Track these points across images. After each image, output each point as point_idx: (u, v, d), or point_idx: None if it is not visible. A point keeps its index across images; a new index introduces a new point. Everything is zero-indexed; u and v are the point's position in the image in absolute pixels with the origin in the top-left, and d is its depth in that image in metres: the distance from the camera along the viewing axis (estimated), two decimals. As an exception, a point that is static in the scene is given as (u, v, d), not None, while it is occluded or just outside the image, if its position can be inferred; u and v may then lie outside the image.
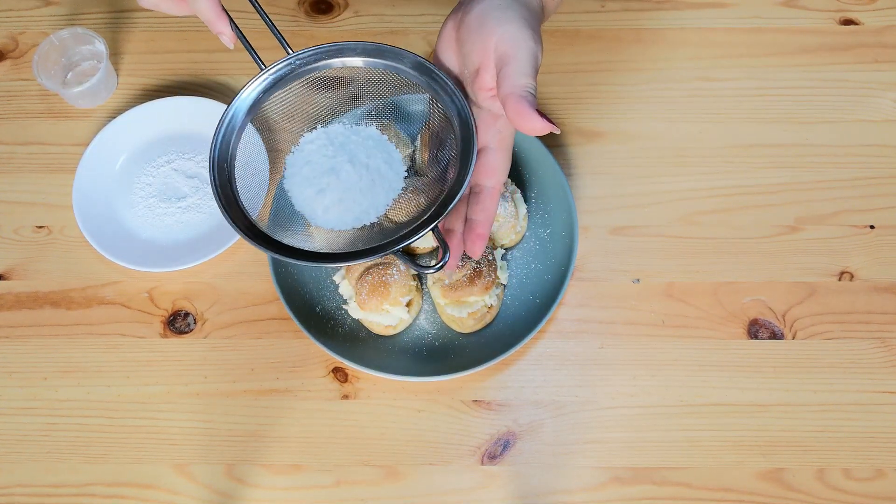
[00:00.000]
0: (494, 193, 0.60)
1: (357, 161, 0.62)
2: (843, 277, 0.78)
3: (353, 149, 0.63)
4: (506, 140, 0.60)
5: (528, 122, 0.53)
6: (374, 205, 0.62)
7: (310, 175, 0.62)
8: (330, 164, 0.62)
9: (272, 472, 0.73)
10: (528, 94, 0.54)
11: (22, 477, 0.73)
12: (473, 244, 0.60)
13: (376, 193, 0.62)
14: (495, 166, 0.60)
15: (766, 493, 0.71)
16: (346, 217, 0.61)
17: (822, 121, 0.85)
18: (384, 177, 0.63)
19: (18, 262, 0.81)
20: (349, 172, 0.62)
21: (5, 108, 0.89)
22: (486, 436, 0.73)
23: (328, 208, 0.61)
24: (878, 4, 0.90)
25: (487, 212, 0.60)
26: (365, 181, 0.62)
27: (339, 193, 0.61)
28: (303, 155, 0.64)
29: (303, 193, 0.62)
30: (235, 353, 0.77)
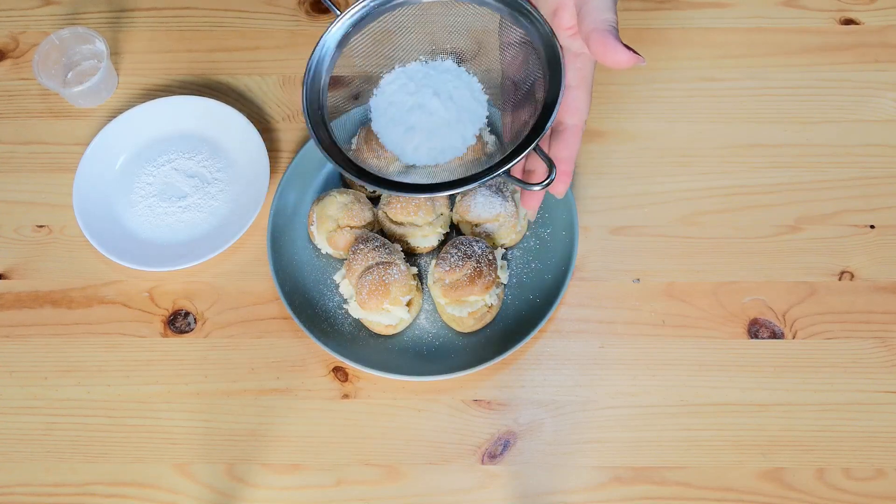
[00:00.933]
0: (577, 131, 0.60)
1: (442, 94, 0.63)
2: (843, 277, 0.78)
3: (435, 83, 0.63)
4: (586, 78, 0.60)
5: (614, 55, 0.54)
6: (462, 136, 0.62)
7: (396, 115, 0.63)
8: (414, 101, 0.63)
9: (272, 472, 0.73)
10: (611, 28, 0.55)
11: (22, 476, 0.73)
12: (559, 182, 0.60)
13: (463, 125, 0.62)
14: (577, 104, 0.60)
15: (766, 492, 0.71)
16: (434, 152, 0.62)
17: (822, 121, 0.85)
18: (468, 108, 0.63)
19: (19, 261, 0.81)
20: (436, 106, 0.62)
21: (6, 108, 0.89)
22: (486, 435, 0.73)
23: (418, 146, 0.62)
24: (879, 4, 0.90)
25: (571, 149, 0.60)
26: (452, 113, 0.62)
27: (428, 129, 0.62)
28: (385, 96, 0.64)
29: (391, 134, 0.63)
30: (236, 352, 0.77)
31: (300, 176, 0.82)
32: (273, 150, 0.85)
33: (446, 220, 0.80)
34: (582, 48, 0.58)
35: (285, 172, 0.81)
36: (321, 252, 0.80)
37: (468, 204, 0.77)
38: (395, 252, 0.75)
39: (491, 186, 0.76)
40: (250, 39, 0.92)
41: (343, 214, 0.77)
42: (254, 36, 0.92)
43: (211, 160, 0.85)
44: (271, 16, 0.93)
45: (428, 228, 0.78)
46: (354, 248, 0.74)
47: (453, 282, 0.73)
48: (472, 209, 0.77)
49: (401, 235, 0.78)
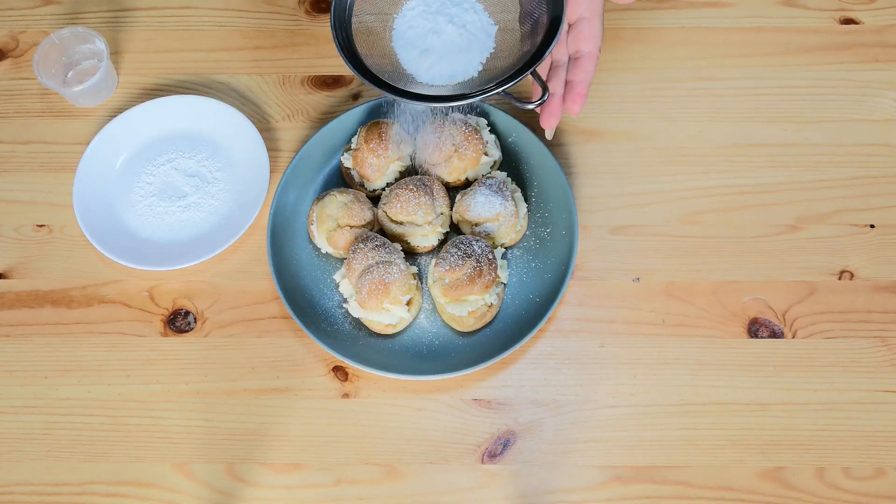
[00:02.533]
0: (592, 57, 0.67)
1: (456, 22, 0.69)
2: (843, 276, 0.78)
3: (451, 12, 0.70)
4: (597, 9, 0.67)
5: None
6: (470, 62, 0.69)
7: (413, 38, 0.70)
8: (431, 26, 0.69)
9: (272, 471, 0.73)
10: None
11: (22, 475, 0.73)
12: (574, 102, 0.67)
13: (472, 52, 0.69)
14: (592, 33, 0.67)
15: (766, 492, 0.71)
16: (444, 73, 0.68)
17: (821, 120, 0.85)
18: (477, 38, 0.69)
19: (19, 260, 0.81)
20: (450, 33, 0.69)
21: (6, 108, 0.89)
22: (486, 435, 0.73)
23: (431, 66, 0.68)
24: (878, 4, 0.90)
25: (587, 73, 0.67)
26: (464, 40, 0.69)
27: (441, 52, 0.68)
28: (406, 20, 0.70)
29: (408, 55, 0.70)
30: (236, 351, 0.77)
31: (300, 176, 0.82)
32: (273, 149, 0.85)
33: (446, 219, 0.80)
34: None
35: (285, 172, 0.81)
36: (321, 252, 0.80)
37: (468, 203, 0.77)
38: (394, 251, 0.75)
39: (491, 186, 0.77)
40: (250, 39, 0.92)
41: (343, 214, 0.77)
42: (254, 36, 0.92)
43: (211, 160, 0.85)
44: (271, 15, 0.93)
45: (428, 228, 0.78)
46: (354, 247, 0.74)
47: (453, 281, 0.73)
48: (471, 208, 0.77)
49: (401, 235, 0.78)
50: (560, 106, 0.68)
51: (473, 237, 0.75)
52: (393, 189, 0.78)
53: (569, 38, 0.69)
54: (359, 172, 0.81)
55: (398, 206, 0.77)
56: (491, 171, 0.81)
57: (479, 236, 0.76)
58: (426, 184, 0.78)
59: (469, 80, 0.69)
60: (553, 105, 0.68)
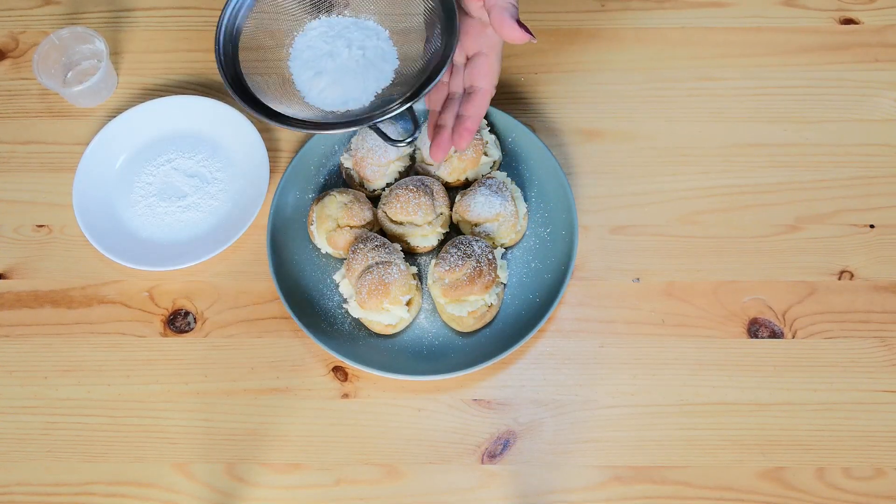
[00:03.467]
0: (486, 94, 0.66)
1: (353, 47, 0.68)
2: (842, 276, 0.78)
3: (351, 36, 0.69)
4: (495, 46, 0.66)
5: (509, 32, 0.61)
6: (364, 90, 0.67)
7: (310, 58, 0.68)
8: (328, 49, 0.68)
9: (272, 471, 0.73)
10: (509, 6, 0.61)
11: (22, 476, 0.73)
12: (461, 137, 0.66)
13: (368, 80, 0.67)
14: (488, 69, 0.66)
15: (765, 492, 0.71)
16: (337, 98, 0.67)
17: (821, 120, 0.85)
18: (376, 66, 0.68)
19: (19, 261, 0.81)
20: (346, 57, 0.68)
21: (5, 108, 0.89)
22: (486, 435, 0.73)
23: (323, 89, 0.67)
24: (878, 4, 0.90)
25: (478, 109, 0.66)
26: (360, 66, 0.67)
27: (334, 76, 0.67)
28: (305, 40, 0.70)
29: (302, 75, 0.68)
30: (235, 351, 0.77)
31: (300, 176, 0.82)
32: (273, 150, 0.85)
33: (446, 219, 0.80)
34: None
35: (285, 172, 0.81)
36: (321, 252, 0.80)
37: (468, 203, 0.77)
38: (394, 252, 0.75)
39: (491, 186, 0.77)
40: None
41: (343, 214, 0.77)
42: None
43: (211, 160, 0.85)
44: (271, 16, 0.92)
45: (428, 228, 0.78)
46: (354, 247, 0.74)
47: (453, 281, 0.73)
48: (471, 209, 0.77)
49: (400, 235, 0.78)
50: (450, 140, 0.67)
51: (473, 237, 0.75)
52: (393, 189, 0.78)
53: (465, 72, 0.68)
54: (358, 173, 0.81)
55: (398, 207, 0.77)
56: (491, 171, 0.81)
57: (479, 236, 0.76)
58: (426, 184, 0.78)
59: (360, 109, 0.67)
60: (443, 138, 0.67)
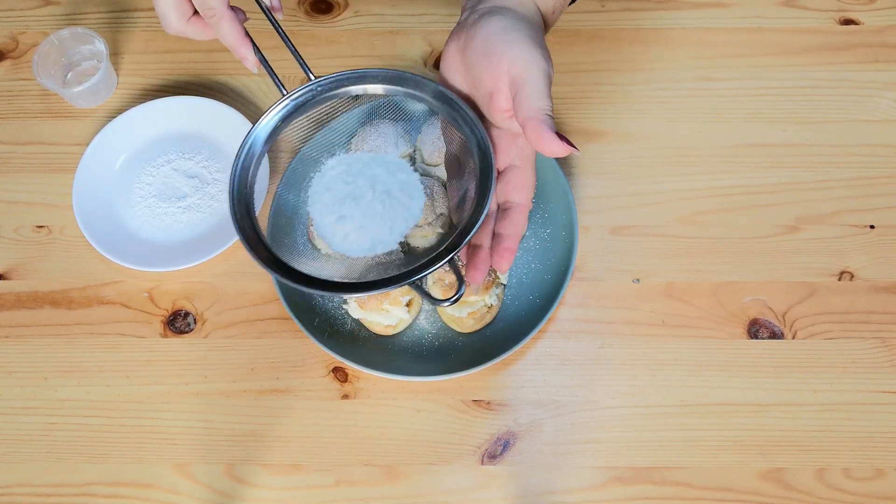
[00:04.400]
0: (523, 209, 0.60)
1: (377, 188, 0.63)
2: (843, 277, 0.78)
3: (374, 175, 0.64)
4: (529, 157, 0.60)
5: (549, 146, 0.54)
6: (392, 232, 0.62)
7: (330, 202, 0.64)
8: (349, 191, 0.63)
9: (272, 472, 0.73)
10: (546, 118, 0.54)
11: (22, 476, 0.73)
12: (501, 258, 0.60)
13: (395, 221, 0.63)
14: (523, 182, 0.60)
15: (766, 492, 0.71)
16: (364, 244, 0.62)
17: (821, 121, 0.85)
18: (403, 204, 0.63)
19: (18, 261, 0.81)
20: (370, 199, 0.63)
21: (5, 108, 0.89)
22: (486, 436, 0.73)
23: (347, 234, 0.62)
24: (878, 4, 0.90)
25: (517, 227, 0.60)
26: (386, 208, 0.62)
27: (359, 220, 0.62)
28: (324, 181, 0.65)
29: (324, 220, 0.63)
30: (235, 352, 0.77)
31: (300, 176, 0.82)
32: (273, 150, 0.85)
33: (446, 220, 0.80)
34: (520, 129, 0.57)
35: (285, 172, 0.81)
36: (321, 252, 0.80)
37: (468, 204, 0.77)
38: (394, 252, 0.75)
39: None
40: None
41: (343, 215, 0.77)
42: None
43: (211, 160, 0.85)
44: (271, 16, 0.92)
45: (427, 228, 0.78)
46: (354, 248, 0.74)
47: (453, 282, 0.73)
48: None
49: (400, 235, 0.78)
50: (487, 260, 0.61)
51: None
52: (393, 190, 0.78)
53: (498, 186, 0.61)
54: (358, 173, 0.81)
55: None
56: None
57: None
58: (425, 185, 0.78)
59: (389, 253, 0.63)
60: (479, 259, 0.60)
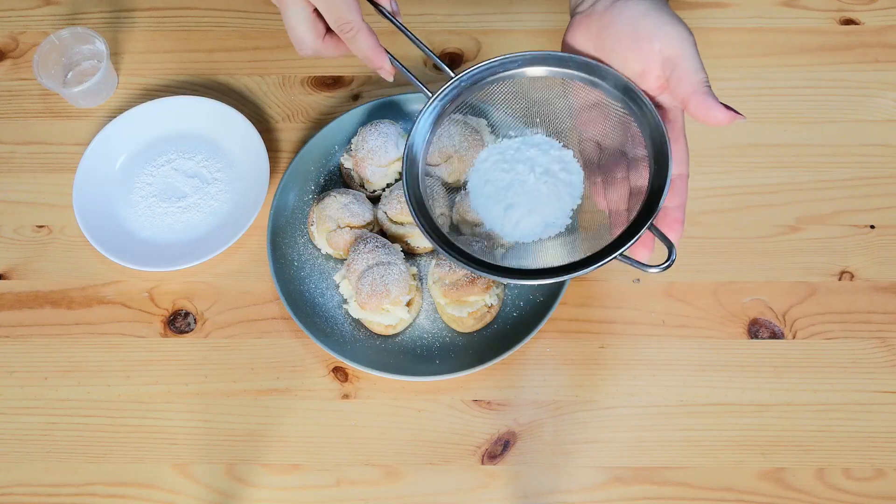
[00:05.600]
0: (684, 179, 0.62)
1: (537, 169, 0.64)
2: (843, 277, 0.78)
3: (528, 157, 0.64)
4: (681, 129, 0.62)
5: (715, 115, 0.57)
6: (562, 210, 0.63)
7: (492, 193, 0.64)
8: (510, 178, 0.64)
9: (272, 472, 0.73)
10: (707, 89, 0.58)
11: (22, 476, 0.73)
12: (672, 229, 0.60)
13: (561, 198, 0.63)
14: (680, 155, 0.62)
15: (766, 492, 0.71)
16: (536, 228, 0.62)
17: (821, 121, 0.85)
18: (564, 181, 0.64)
19: (19, 261, 0.81)
20: (532, 183, 0.63)
21: (5, 108, 0.89)
22: (486, 435, 0.73)
23: (518, 222, 0.63)
24: (879, 4, 0.90)
25: (682, 197, 0.61)
26: (550, 188, 0.63)
27: (528, 205, 0.62)
28: (480, 174, 0.65)
29: (491, 212, 0.64)
30: (235, 352, 0.77)
31: (300, 176, 0.82)
32: (273, 150, 0.85)
33: (446, 220, 0.80)
34: (671, 102, 0.60)
35: (285, 172, 0.81)
36: (321, 252, 0.80)
37: (468, 204, 0.77)
38: (394, 252, 0.75)
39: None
40: (250, 39, 0.92)
41: (343, 214, 0.77)
42: (254, 36, 0.92)
43: (211, 160, 0.85)
44: (271, 16, 0.93)
45: (428, 228, 0.78)
46: (354, 248, 0.74)
47: (453, 282, 0.73)
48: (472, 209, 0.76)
49: (401, 235, 0.78)
50: (653, 237, 0.60)
51: (473, 238, 0.75)
52: (393, 190, 0.78)
53: None
54: (358, 173, 0.81)
55: (398, 207, 0.77)
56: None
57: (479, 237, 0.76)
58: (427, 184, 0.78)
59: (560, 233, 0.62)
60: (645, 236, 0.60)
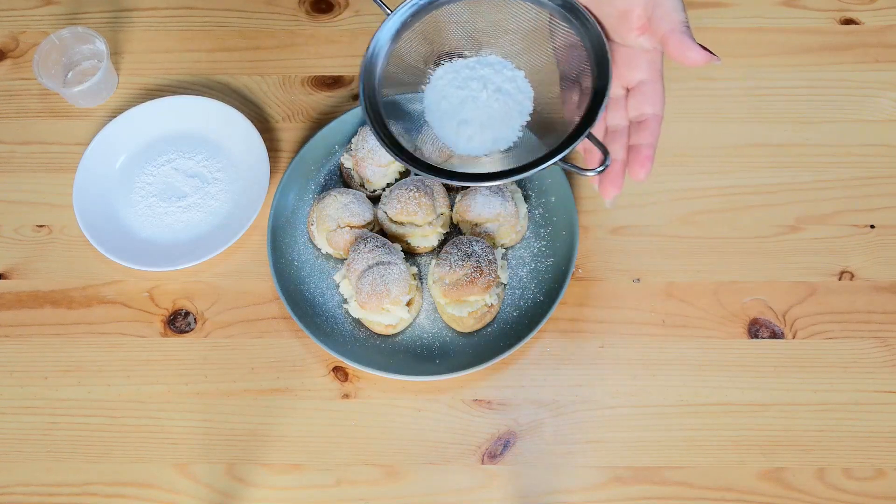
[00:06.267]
0: (658, 119, 0.63)
1: (490, 86, 0.66)
2: (843, 277, 0.78)
3: (482, 76, 0.66)
4: (658, 70, 0.63)
5: (691, 55, 0.58)
6: (511, 127, 0.65)
7: (447, 109, 0.66)
8: (464, 95, 0.66)
9: (272, 472, 0.73)
10: (686, 29, 0.59)
11: (22, 476, 0.73)
12: (641, 166, 0.61)
13: (511, 115, 0.65)
14: (656, 94, 0.63)
15: (766, 492, 0.71)
16: (486, 143, 0.65)
17: (822, 121, 0.85)
18: (515, 99, 0.66)
19: (19, 261, 0.81)
20: (485, 100, 0.65)
21: (6, 108, 0.89)
22: (486, 435, 0.73)
23: (471, 137, 0.65)
24: (879, 4, 0.90)
25: (653, 135, 0.62)
26: (501, 104, 0.65)
27: (480, 121, 0.65)
28: (436, 91, 0.67)
29: (445, 128, 0.66)
30: (236, 352, 0.77)
31: (300, 176, 0.82)
32: (273, 150, 0.85)
33: (446, 219, 0.80)
34: (651, 45, 0.61)
35: (285, 172, 0.81)
36: (321, 252, 0.80)
37: (468, 203, 0.77)
38: (395, 252, 0.75)
39: (491, 186, 0.76)
40: (250, 39, 0.92)
41: (343, 214, 0.77)
42: (254, 36, 0.92)
43: (211, 160, 0.85)
44: (271, 16, 0.93)
45: (428, 228, 0.78)
46: (354, 247, 0.74)
47: (453, 281, 0.73)
48: (472, 209, 0.77)
49: (401, 235, 0.78)
50: (622, 172, 0.62)
51: (473, 237, 0.75)
52: (393, 189, 0.78)
53: (630, 101, 0.64)
54: (359, 173, 0.81)
55: (398, 207, 0.77)
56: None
57: (479, 236, 0.76)
58: (426, 184, 0.78)
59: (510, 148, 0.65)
60: (615, 171, 0.61)
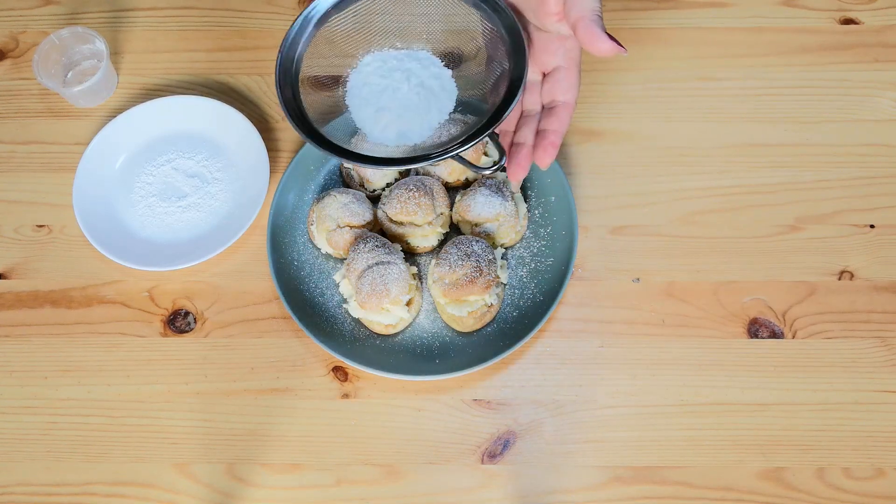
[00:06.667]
0: (568, 107, 0.63)
1: (412, 80, 0.66)
2: (843, 277, 0.78)
3: (408, 68, 0.67)
4: (575, 59, 0.63)
5: (598, 44, 0.58)
6: (428, 122, 0.66)
7: (368, 95, 0.67)
8: (387, 84, 0.67)
9: (272, 472, 0.73)
10: (596, 17, 0.58)
11: (22, 476, 0.73)
12: (545, 152, 0.61)
13: (430, 111, 0.66)
14: (569, 82, 0.63)
15: (766, 492, 0.71)
16: (401, 133, 0.65)
17: (822, 121, 0.85)
18: (437, 96, 0.66)
19: (19, 261, 0.81)
20: (406, 92, 0.66)
21: (5, 108, 0.89)
22: (486, 435, 0.73)
23: (386, 126, 0.65)
24: (878, 4, 0.90)
25: (562, 123, 0.62)
26: (421, 99, 0.66)
27: (396, 111, 0.65)
28: (361, 76, 0.68)
29: (362, 112, 0.67)
30: (236, 352, 0.77)
31: (300, 176, 0.82)
32: (273, 150, 0.85)
33: (446, 219, 0.80)
34: (568, 31, 0.61)
35: (285, 172, 0.81)
36: (321, 252, 0.80)
37: (468, 203, 0.77)
38: (394, 252, 0.75)
39: (491, 186, 0.77)
40: (250, 39, 0.92)
41: (343, 214, 0.77)
42: (254, 36, 0.92)
43: (211, 160, 0.85)
44: (271, 16, 0.93)
45: (428, 228, 0.78)
46: (354, 247, 0.74)
47: (453, 281, 0.73)
48: (471, 209, 0.77)
49: (401, 235, 0.78)
50: (529, 157, 0.62)
51: (473, 237, 0.75)
52: (393, 189, 0.78)
53: (544, 87, 0.64)
54: (358, 173, 0.81)
55: (398, 207, 0.77)
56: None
57: (479, 236, 0.76)
58: (426, 184, 0.78)
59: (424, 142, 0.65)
60: (521, 155, 0.62)
